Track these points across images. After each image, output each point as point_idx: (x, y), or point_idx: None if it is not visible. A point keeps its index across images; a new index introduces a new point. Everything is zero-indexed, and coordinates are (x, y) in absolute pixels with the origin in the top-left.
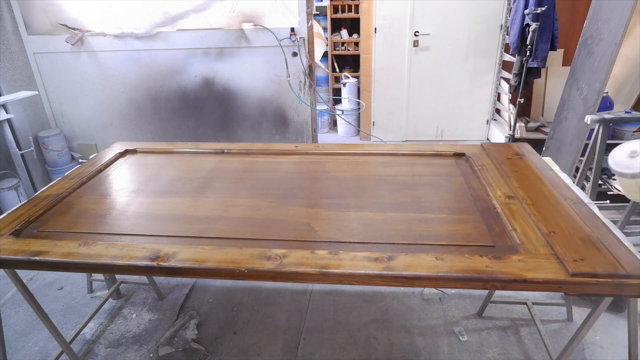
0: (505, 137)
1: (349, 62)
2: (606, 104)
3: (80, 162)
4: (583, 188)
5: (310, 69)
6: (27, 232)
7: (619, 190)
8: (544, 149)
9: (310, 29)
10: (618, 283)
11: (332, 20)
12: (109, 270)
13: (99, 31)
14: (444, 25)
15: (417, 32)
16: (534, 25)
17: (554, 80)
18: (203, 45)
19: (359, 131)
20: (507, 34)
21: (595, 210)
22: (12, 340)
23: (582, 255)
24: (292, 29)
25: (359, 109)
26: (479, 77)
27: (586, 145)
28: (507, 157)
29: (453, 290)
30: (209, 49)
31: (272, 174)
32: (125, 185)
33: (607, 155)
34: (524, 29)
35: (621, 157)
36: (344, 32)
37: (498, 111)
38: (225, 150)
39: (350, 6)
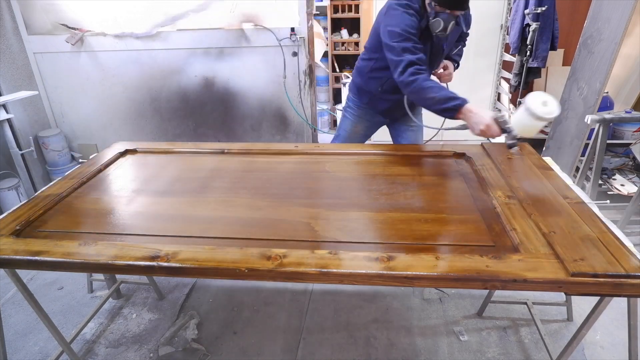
0: (506, 137)
1: (349, 62)
2: (606, 104)
3: (80, 162)
4: (583, 188)
5: (311, 69)
6: (28, 232)
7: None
8: (544, 148)
9: (310, 28)
10: (618, 283)
11: (332, 20)
12: (109, 270)
13: (99, 31)
14: None
15: None
16: (534, 25)
17: (554, 80)
18: (203, 45)
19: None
20: (507, 34)
21: (595, 210)
22: (13, 340)
23: (582, 255)
24: (292, 29)
25: None
26: (479, 77)
27: (586, 145)
28: (507, 157)
29: (453, 290)
30: (209, 49)
31: (272, 174)
32: (125, 185)
33: (607, 155)
34: (524, 28)
35: (536, 103)
36: (344, 32)
37: (498, 111)
38: (225, 150)
39: (350, 6)
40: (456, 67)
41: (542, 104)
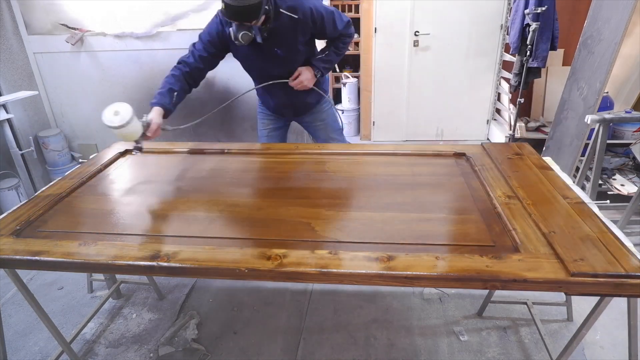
0: (506, 137)
1: (349, 62)
2: (606, 104)
3: (80, 162)
4: (583, 188)
5: None
6: (28, 232)
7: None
8: (544, 148)
9: None
10: (618, 283)
11: None
12: (109, 270)
13: (99, 31)
14: (444, 25)
15: (417, 32)
16: (534, 25)
17: (554, 80)
18: None
19: (359, 131)
20: (507, 34)
21: (595, 210)
22: (13, 340)
23: (582, 255)
24: None
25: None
26: (479, 77)
27: (586, 145)
28: (507, 157)
29: (453, 290)
30: None
31: (272, 174)
32: (125, 185)
33: (607, 155)
34: (524, 28)
35: (108, 114)
36: None
37: (498, 111)
38: (225, 150)
39: (350, 6)
40: (320, 75)
41: (114, 113)
